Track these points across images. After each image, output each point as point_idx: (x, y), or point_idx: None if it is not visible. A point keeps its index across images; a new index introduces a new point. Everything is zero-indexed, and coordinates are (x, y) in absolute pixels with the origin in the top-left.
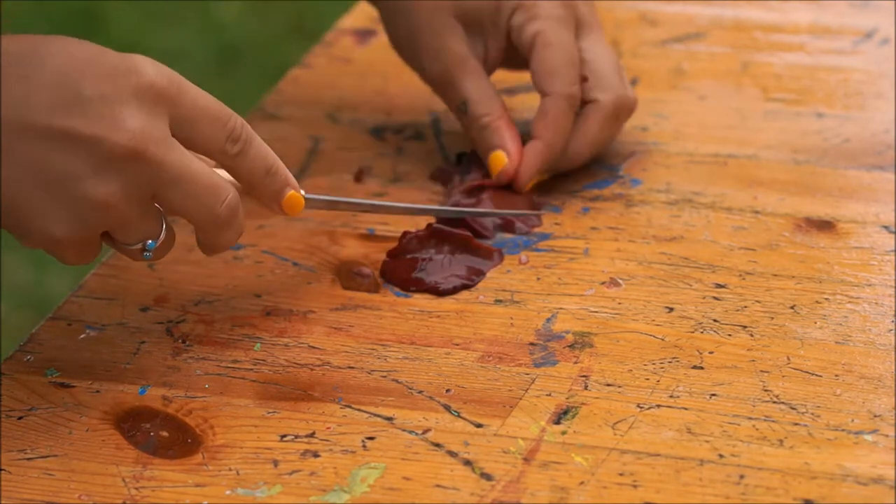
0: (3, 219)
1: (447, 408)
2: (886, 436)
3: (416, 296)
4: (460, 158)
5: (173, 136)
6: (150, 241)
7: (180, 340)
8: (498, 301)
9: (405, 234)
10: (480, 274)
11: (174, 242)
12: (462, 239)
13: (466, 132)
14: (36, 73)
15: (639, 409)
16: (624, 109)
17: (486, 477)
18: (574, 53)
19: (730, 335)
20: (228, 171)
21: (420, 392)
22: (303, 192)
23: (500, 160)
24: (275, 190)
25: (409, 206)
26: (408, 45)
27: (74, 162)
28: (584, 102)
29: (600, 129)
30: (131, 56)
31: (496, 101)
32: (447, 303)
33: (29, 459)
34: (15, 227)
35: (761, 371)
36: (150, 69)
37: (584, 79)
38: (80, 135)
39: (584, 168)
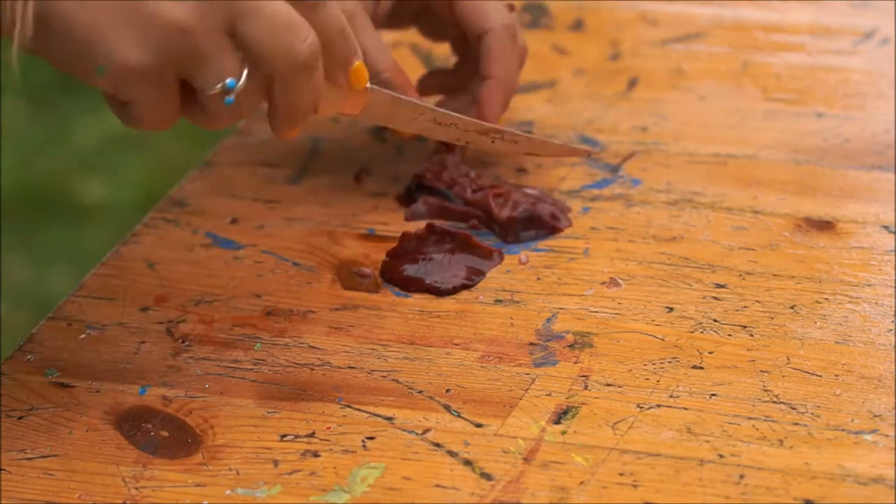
0: (78, 51)
1: (447, 408)
2: (886, 436)
3: (416, 296)
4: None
5: None
6: (229, 80)
7: (180, 340)
8: (498, 301)
9: (405, 233)
10: (480, 274)
11: (259, 98)
12: (462, 238)
13: None
14: None
15: (639, 409)
16: (513, 31)
17: (486, 477)
18: None
19: (730, 335)
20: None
21: (420, 392)
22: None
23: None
24: (346, 54)
25: (479, 123)
26: None
27: None
28: (476, 37)
29: (505, 49)
30: None
31: (388, 53)
32: (447, 303)
33: (29, 459)
34: (88, 59)
35: (761, 371)
36: None
37: (511, 7)
38: None
39: (584, 168)
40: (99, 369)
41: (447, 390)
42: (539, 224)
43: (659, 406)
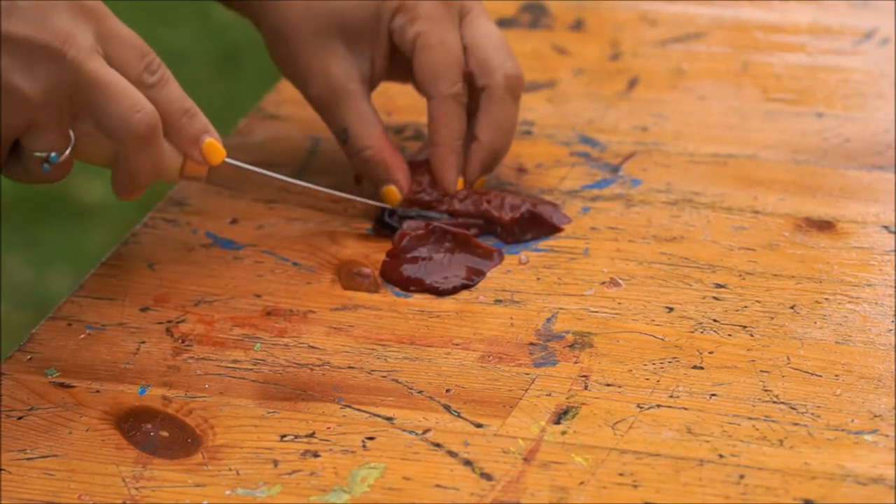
0: None
1: (447, 408)
2: (886, 436)
3: (416, 296)
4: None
5: (97, 53)
6: (53, 154)
7: (180, 340)
8: (498, 301)
9: (405, 233)
10: (480, 274)
11: (72, 166)
12: (462, 238)
13: (348, 159)
14: None
15: (639, 409)
16: (514, 85)
17: (486, 477)
18: (455, 52)
19: (730, 335)
20: None
21: (420, 392)
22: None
23: (394, 196)
24: (193, 132)
25: (331, 192)
26: (288, 67)
27: (4, 58)
28: (478, 91)
29: (502, 112)
30: None
31: (377, 128)
32: (447, 303)
33: (29, 459)
34: None
35: (761, 371)
36: None
37: (468, 74)
38: (12, 35)
39: (584, 168)
40: (99, 369)
41: (447, 390)
42: (541, 223)
43: (659, 406)
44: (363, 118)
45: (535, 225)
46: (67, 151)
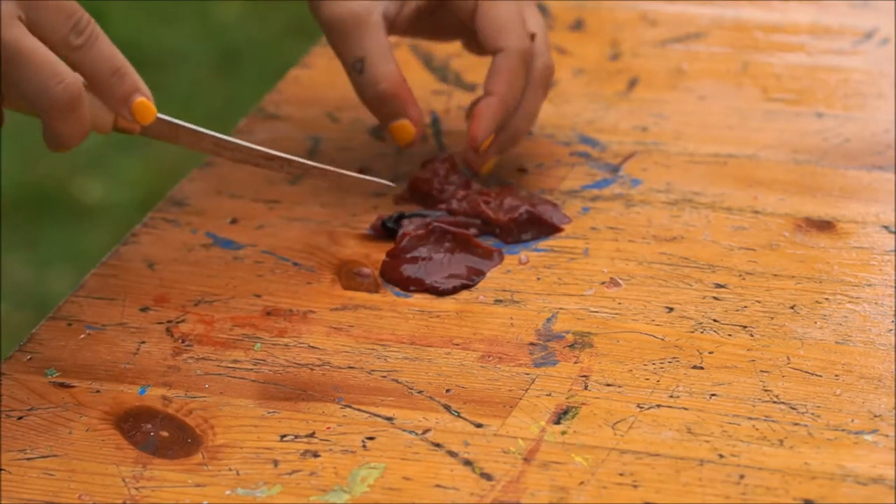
0: None
1: (447, 408)
2: (886, 436)
3: (416, 296)
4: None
5: (19, 19)
6: None
7: (180, 340)
8: (498, 301)
9: (405, 233)
10: (480, 274)
11: (3, 119)
12: (462, 238)
13: (358, 94)
14: None
15: (639, 409)
16: (548, 77)
17: (486, 477)
18: (521, 10)
19: (730, 335)
20: (73, 67)
21: (420, 392)
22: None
23: (407, 130)
24: (122, 92)
25: (260, 150)
26: None
27: None
28: (488, 50)
29: (533, 98)
30: None
31: (393, 63)
32: (447, 303)
33: (29, 459)
34: None
35: (761, 371)
36: None
37: (532, 36)
38: None
39: (584, 168)
40: (99, 369)
41: (447, 390)
42: (540, 224)
43: (659, 406)
44: (382, 50)
45: (535, 225)
46: None
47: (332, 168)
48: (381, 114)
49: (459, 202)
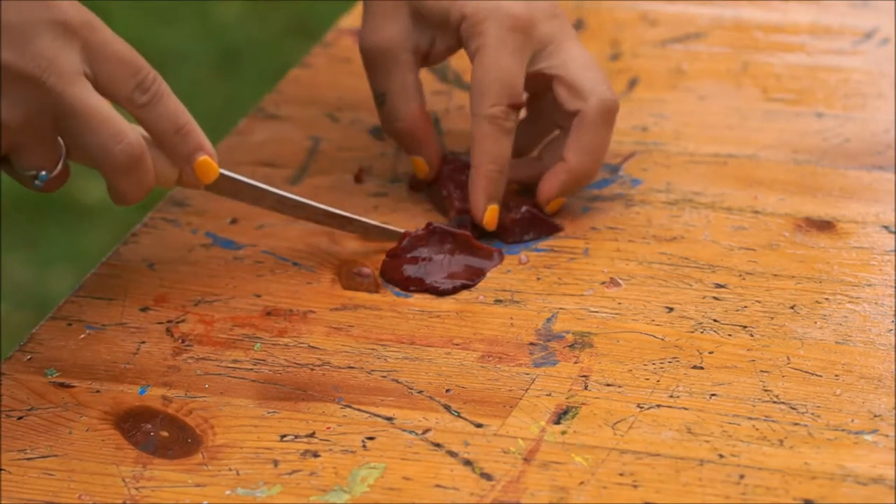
0: None
1: (447, 408)
2: (886, 436)
3: (416, 296)
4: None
5: (84, 75)
6: (42, 172)
7: (180, 340)
8: (498, 301)
9: (405, 234)
10: (480, 274)
11: (67, 179)
12: (462, 239)
13: (381, 124)
14: None
15: (639, 409)
16: (610, 112)
17: (486, 477)
18: (507, 76)
19: (730, 335)
20: (139, 124)
21: (420, 392)
22: (221, 170)
23: (420, 168)
24: (186, 151)
25: (323, 208)
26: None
27: None
28: (570, 115)
29: (592, 136)
30: None
31: (415, 102)
32: (447, 303)
33: (29, 459)
34: None
35: (761, 371)
36: (67, 5)
37: (515, 106)
38: None
39: None
40: (99, 369)
41: (447, 390)
42: (541, 224)
43: (659, 406)
44: (404, 89)
45: (536, 225)
46: (59, 167)
47: (392, 227)
48: (400, 146)
49: (462, 202)
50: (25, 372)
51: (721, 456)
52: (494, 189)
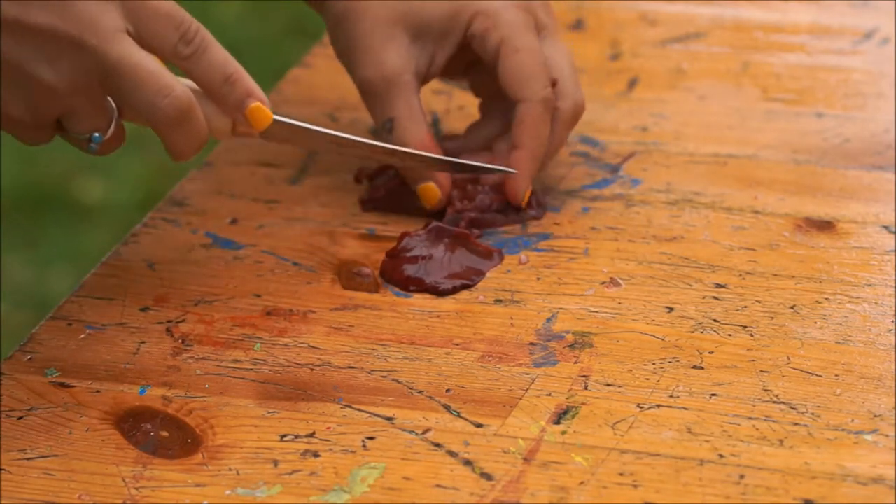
0: None
1: (447, 408)
2: (886, 436)
3: (416, 296)
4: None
5: (127, 32)
6: (96, 134)
7: (180, 340)
8: (498, 301)
9: (404, 233)
10: (480, 274)
11: (123, 141)
12: (462, 238)
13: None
14: None
15: (639, 409)
16: (578, 114)
17: (486, 477)
18: (543, 57)
19: (730, 335)
20: (186, 76)
21: (420, 392)
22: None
23: (432, 193)
24: (235, 98)
25: (381, 145)
26: (347, 51)
27: (26, 49)
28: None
29: (559, 137)
30: None
31: (423, 125)
32: (447, 303)
33: (29, 459)
34: None
35: (761, 371)
36: None
37: (553, 82)
38: (34, 24)
39: (584, 168)
40: (99, 369)
41: (447, 390)
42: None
43: (659, 406)
44: (411, 113)
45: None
46: (112, 128)
47: (462, 160)
48: (407, 174)
49: (460, 202)
50: (25, 372)
51: (721, 456)
52: (537, 168)
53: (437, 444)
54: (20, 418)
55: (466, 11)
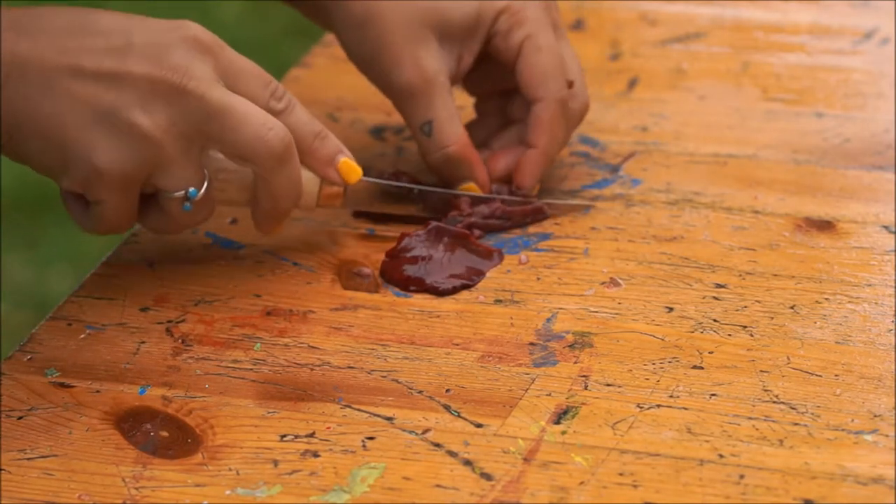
0: (52, 153)
1: (447, 408)
2: (886, 436)
3: (416, 296)
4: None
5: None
6: (192, 189)
7: (180, 340)
8: (498, 301)
9: (404, 233)
10: (480, 274)
11: (214, 208)
12: (462, 238)
13: (424, 156)
14: (90, 25)
15: (639, 409)
16: (584, 115)
17: (486, 477)
18: (562, 58)
19: (730, 335)
20: None
21: (420, 392)
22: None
23: (476, 192)
24: (328, 153)
25: (467, 194)
26: (374, 58)
27: (123, 96)
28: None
29: (566, 136)
30: (180, 19)
31: (461, 126)
32: (447, 303)
33: (29, 459)
34: (59, 162)
35: (761, 371)
36: (197, 27)
37: (570, 84)
38: (130, 73)
39: (584, 168)
40: (99, 369)
41: (447, 390)
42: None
43: (659, 406)
44: (450, 113)
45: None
46: (205, 185)
47: (544, 202)
48: (447, 175)
49: (468, 205)
50: (25, 372)
51: (721, 456)
52: (548, 168)
53: (437, 444)
54: (20, 418)
55: (492, 9)
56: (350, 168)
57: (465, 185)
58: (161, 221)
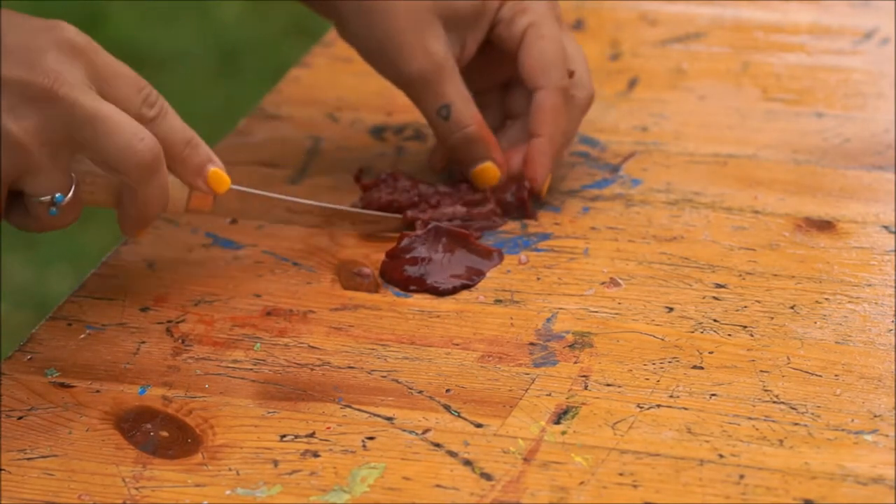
0: None
1: (447, 408)
2: (886, 436)
3: (416, 296)
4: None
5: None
6: (58, 195)
7: (180, 340)
8: (498, 301)
9: (404, 234)
10: (480, 274)
11: (79, 214)
12: (462, 238)
13: (442, 140)
14: None
15: (639, 409)
16: (589, 105)
17: (486, 477)
18: (564, 47)
19: (730, 335)
20: None
21: (420, 392)
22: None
23: (493, 173)
24: (197, 163)
25: (340, 207)
26: (382, 46)
27: None
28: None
29: (575, 123)
30: (54, 19)
31: (475, 107)
32: (447, 303)
33: (29, 459)
34: None
35: (761, 371)
36: (70, 29)
37: (571, 73)
38: (0, 77)
39: (584, 168)
40: (99, 369)
41: (447, 390)
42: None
43: (659, 406)
44: (465, 95)
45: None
46: (72, 191)
47: (384, 214)
48: (465, 157)
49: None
50: (25, 372)
51: (721, 456)
52: (556, 156)
53: (437, 444)
54: (20, 418)
55: None
56: (219, 178)
57: (482, 166)
58: (26, 222)
